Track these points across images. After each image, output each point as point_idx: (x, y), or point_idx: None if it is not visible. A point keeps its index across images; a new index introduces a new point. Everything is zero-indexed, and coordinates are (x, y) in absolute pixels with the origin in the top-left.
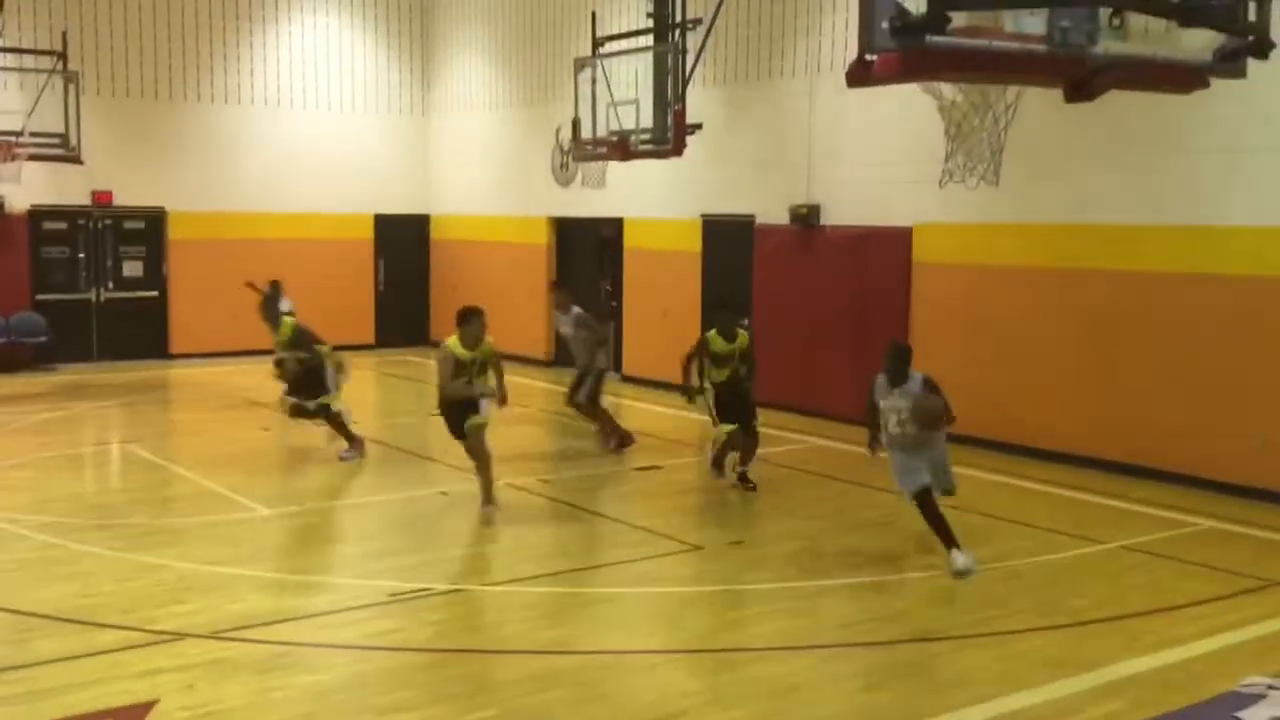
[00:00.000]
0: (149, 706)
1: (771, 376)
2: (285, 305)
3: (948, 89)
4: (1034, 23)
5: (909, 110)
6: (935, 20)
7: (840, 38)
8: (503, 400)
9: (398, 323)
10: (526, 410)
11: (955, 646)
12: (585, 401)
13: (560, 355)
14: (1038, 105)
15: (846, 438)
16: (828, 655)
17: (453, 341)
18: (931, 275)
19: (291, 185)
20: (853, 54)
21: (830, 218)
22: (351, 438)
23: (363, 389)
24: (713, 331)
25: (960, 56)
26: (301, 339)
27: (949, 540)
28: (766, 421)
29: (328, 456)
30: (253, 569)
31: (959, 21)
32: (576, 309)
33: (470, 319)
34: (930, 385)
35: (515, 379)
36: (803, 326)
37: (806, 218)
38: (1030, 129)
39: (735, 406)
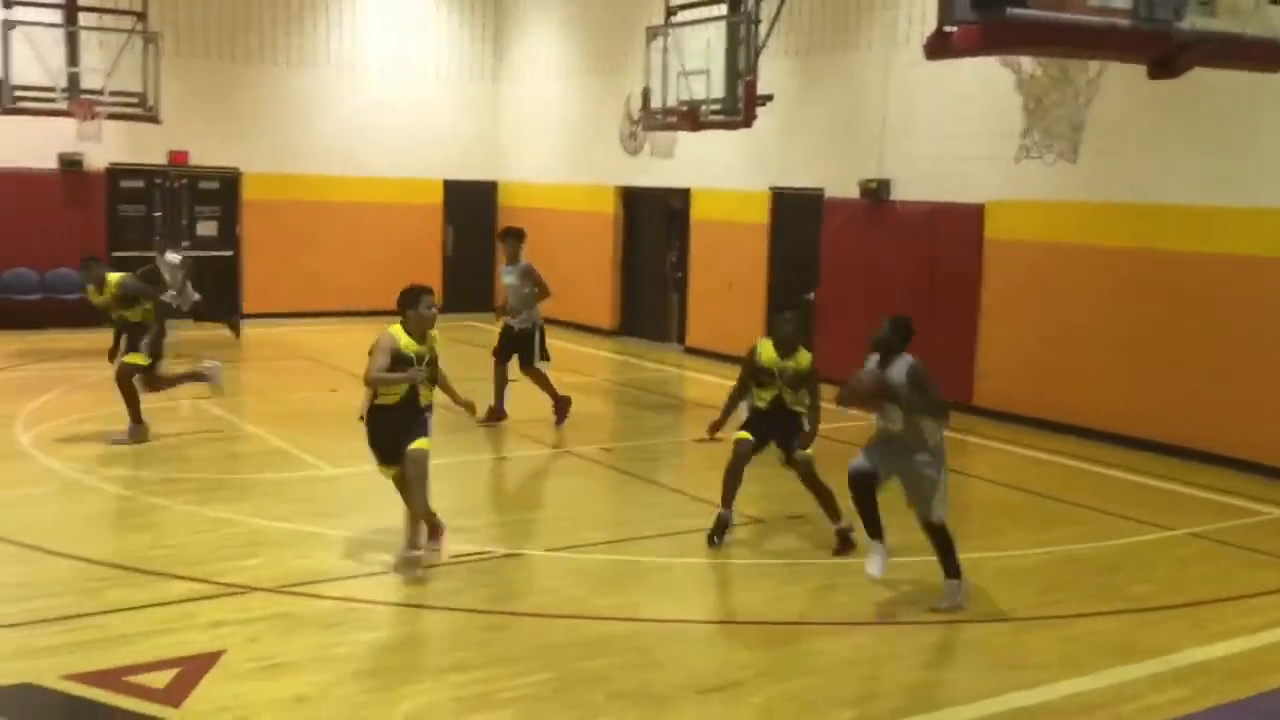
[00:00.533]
0: (215, 657)
1: (836, 353)
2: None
3: (1027, 62)
4: None
5: (986, 84)
6: None
7: (918, 10)
8: (472, 410)
9: (465, 288)
10: (591, 380)
11: (1016, 629)
12: (524, 366)
13: (626, 324)
14: (1120, 81)
15: None
16: (886, 632)
17: (396, 329)
18: (1004, 253)
19: (363, 149)
20: (930, 27)
21: (901, 193)
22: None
23: None
24: (765, 341)
25: (1042, 29)
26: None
27: (874, 531)
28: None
29: None
30: (318, 526)
31: None
32: (525, 261)
33: (417, 299)
34: (916, 376)
35: (580, 349)
36: (870, 303)
37: (877, 192)
38: (1111, 105)
39: (771, 427)
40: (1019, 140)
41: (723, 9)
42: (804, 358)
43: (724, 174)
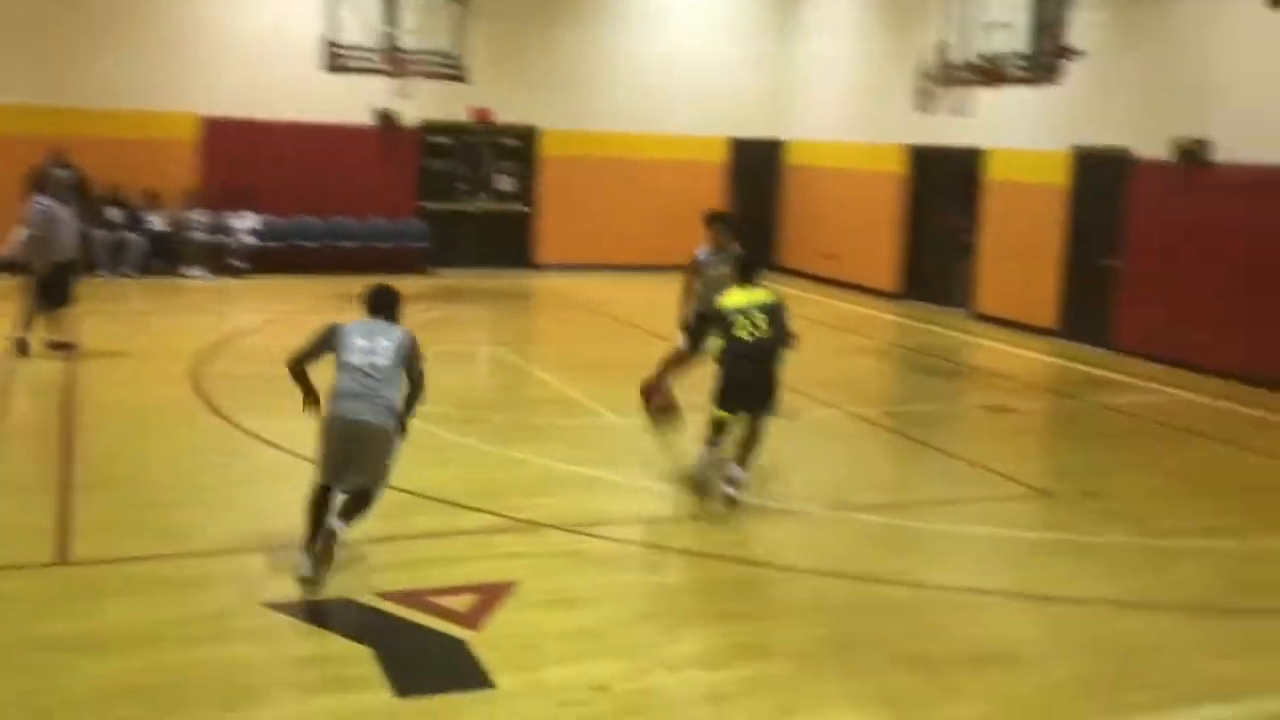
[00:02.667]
0: (510, 586)
1: (1143, 325)
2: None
3: None
4: None
5: None
6: None
7: None
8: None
9: (747, 246)
10: (873, 343)
11: None
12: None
13: (911, 288)
14: None
15: (1218, 393)
16: (1178, 618)
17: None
18: None
19: (653, 107)
20: None
21: (1224, 154)
22: None
23: None
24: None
25: None
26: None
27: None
28: (1135, 371)
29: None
30: (605, 471)
31: None
32: (736, 247)
33: None
34: None
35: (862, 310)
36: (1181, 274)
37: (1194, 153)
38: None
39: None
40: None
41: None
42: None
43: (1020, 133)
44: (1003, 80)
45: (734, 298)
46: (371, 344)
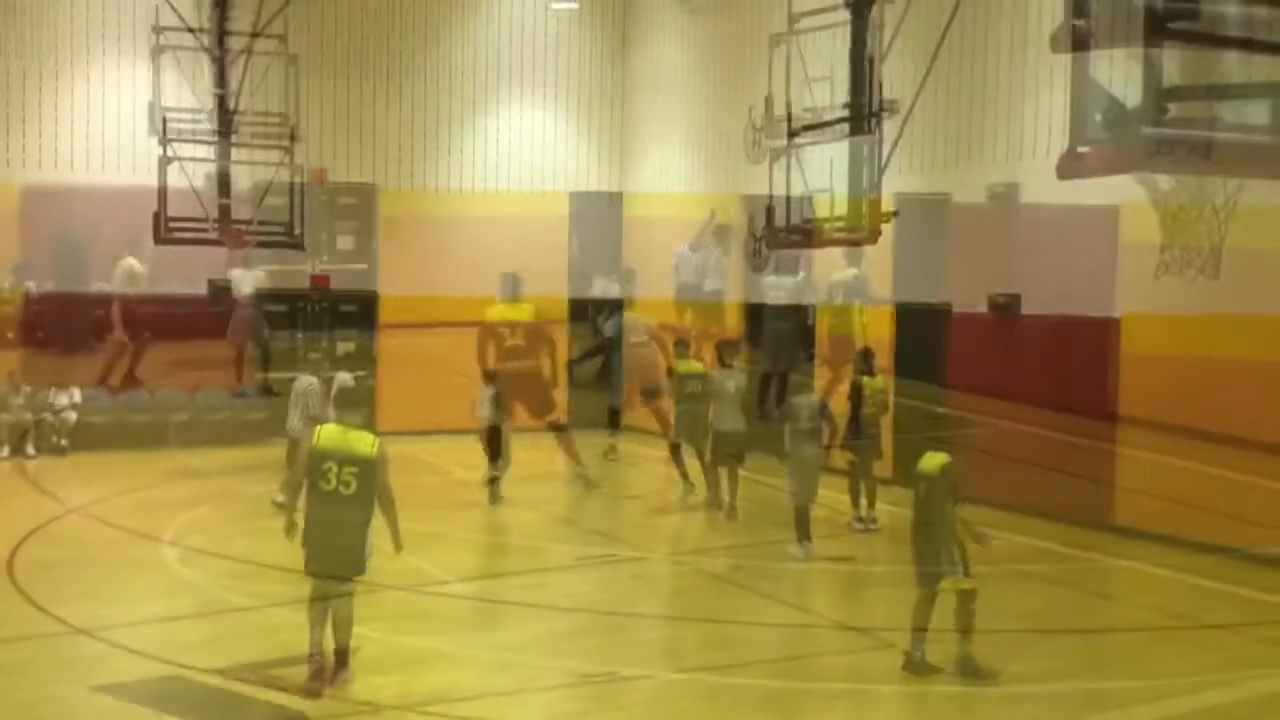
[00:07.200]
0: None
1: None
2: None
3: (1163, 180)
4: (1257, 112)
5: (1117, 197)
6: (1151, 112)
7: (1044, 123)
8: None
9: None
10: None
11: None
12: None
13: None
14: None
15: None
16: None
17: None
18: (1142, 369)
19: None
20: (1060, 140)
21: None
22: None
23: None
24: None
25: (1178, 149)
26: None
27: None
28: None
29: None
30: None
31: (1176, 112)
32: None
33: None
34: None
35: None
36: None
37: (1006, 307)
38: (1254, 219)
39: None
40: (1158, 256)
41: (845, 128)
42: None
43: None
44: (825, 242)
45: None
46: None
